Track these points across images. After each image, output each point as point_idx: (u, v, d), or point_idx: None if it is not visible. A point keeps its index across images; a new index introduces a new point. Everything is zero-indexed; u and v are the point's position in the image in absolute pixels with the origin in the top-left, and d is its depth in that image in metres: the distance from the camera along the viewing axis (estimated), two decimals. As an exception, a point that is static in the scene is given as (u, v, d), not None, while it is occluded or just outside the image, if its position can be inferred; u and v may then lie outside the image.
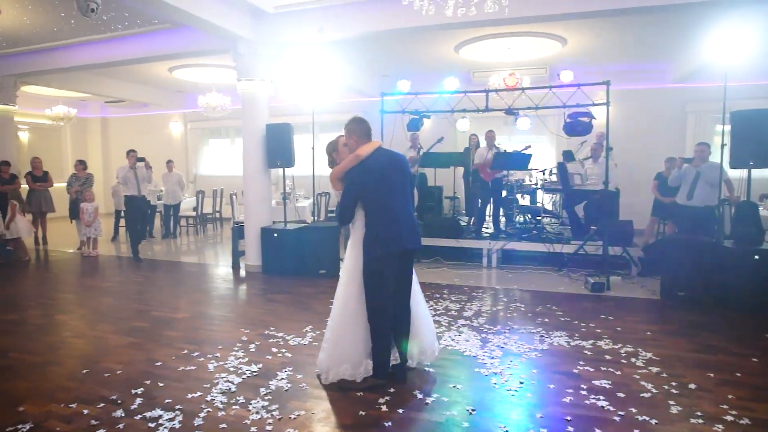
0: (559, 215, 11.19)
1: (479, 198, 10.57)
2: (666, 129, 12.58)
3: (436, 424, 3.68)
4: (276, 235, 8.73)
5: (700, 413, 3.74)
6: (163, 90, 16.22)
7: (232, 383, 4.35)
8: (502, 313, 6.46)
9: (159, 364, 4.83)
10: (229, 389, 4.24)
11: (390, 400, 4.02)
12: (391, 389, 4.18)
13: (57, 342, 5.54)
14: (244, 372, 4.59)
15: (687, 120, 12.57)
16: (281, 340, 5.47)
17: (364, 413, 3.82)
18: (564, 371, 4.57)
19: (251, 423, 3.69)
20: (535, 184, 10.87)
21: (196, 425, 3.66)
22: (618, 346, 5.18)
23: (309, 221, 10.86)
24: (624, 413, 3.75)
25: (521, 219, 10.71)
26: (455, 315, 6.32)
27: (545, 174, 10.66)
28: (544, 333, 5.61)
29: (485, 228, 10.42)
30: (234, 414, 3.83)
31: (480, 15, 6.19)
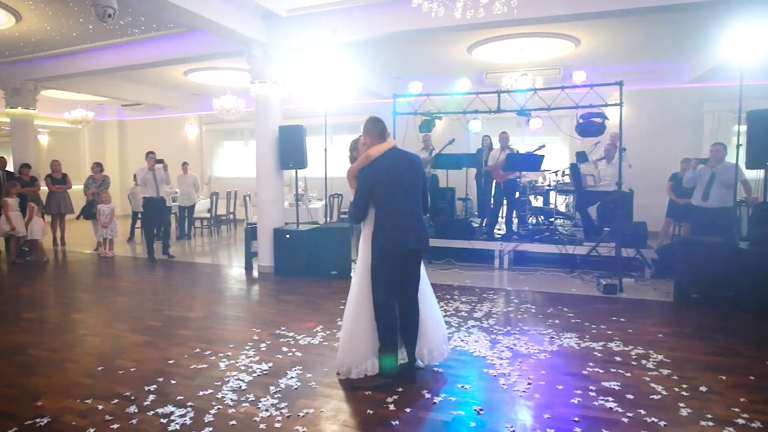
0: (572, 217, 11.16)
1: (492, 199, 10.56)
2: (682, 129, 12.48)
3: (443, 423, 3.71)
4: (288, 236, 8.78)
5: (710, 416, 3.72)
6: (179, 93, 16.36)
7: (242, 381, 4.40)
8: (512, 315, 6.47)
9: (172, 362, 4.89)
10: (240, 387, 4.29)
11: (398, 399, 4.05)
12: (400, 388, 4.21)
13: (74, 340, 5.63)
14: (254, 370, 4.64)
15: (704, 120, 12.43)
16: (292, 339, 5.51)
17: (372, 412, 3.86)
18: (573, 372, 4.57)
19: (260, 420, 3.73)
20: (548, 185, 10.84)
21: (206, 422, 3.71)
22: (629, 348, 5.16)
23: (321, 222, 10.92)
24: (632, 415, 3.74)
25: (533, 220, 10.69)
26: (465, 316, 6.33)
27: (558, 175, 10.63)
28: (554, 334, 5.61)
29: (497, 229, 10.41)
30: (244, 411, 3.87)
31: (489, 16, 6.19)
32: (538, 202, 11.54)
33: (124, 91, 14.56)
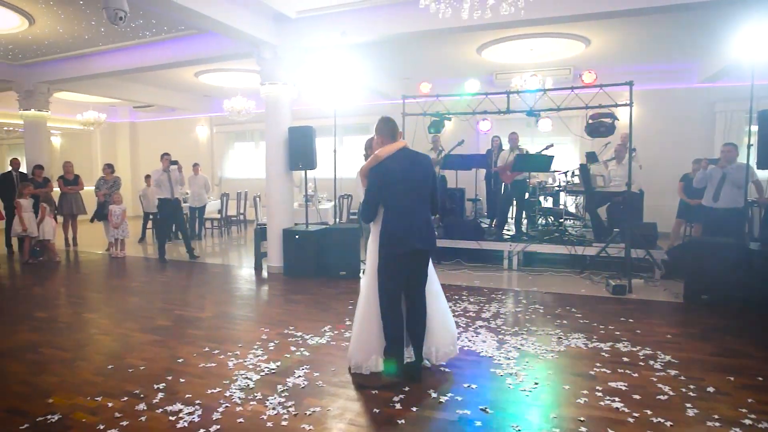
0: (582, 217, 11.12)
1: (501, 200, 10.55)
2: (693, 130, 12.39)
3: (449, 422, 3.72)
4: (297, 237, 8.81)
5: (717, 416, 3.71)
6: (190, 94, 16.45)
7: (250, 380, 4.43)
8: (520, 315, 6.46)
9: (181, 360, 4.93)
10: (248, 386, 4.32)
11: (404, 398, 4.06)
12: (406, 388, 4.23)
13: (85, 339, 5.69)
14: (262, 369, 4.67)
15: (715, 120, 12.34)
16: (300, 339, 5.54)
17: (378, 410, 3.88)
18: (580, 372, 4.57)
19: (268, 418, 3.76)
20: (558, 186, 10.81)
21: (214, 419, 3.74)
22: (637, 348, 5.15)
23: (331, 223, 10.94)
24: (639, 415, 3.73)
25: (543, 221, 10.66)
26: (473, 316, 6.34)
27: (567, 176, 10.60)
28: (562, 335, 5.60)
29: (507, 230, 10.40)
30: (251, 409, 3.90)
31: (497, 17, 6.18)
32: (548, 202, 11.52)
33: (135, 93, 14.68)
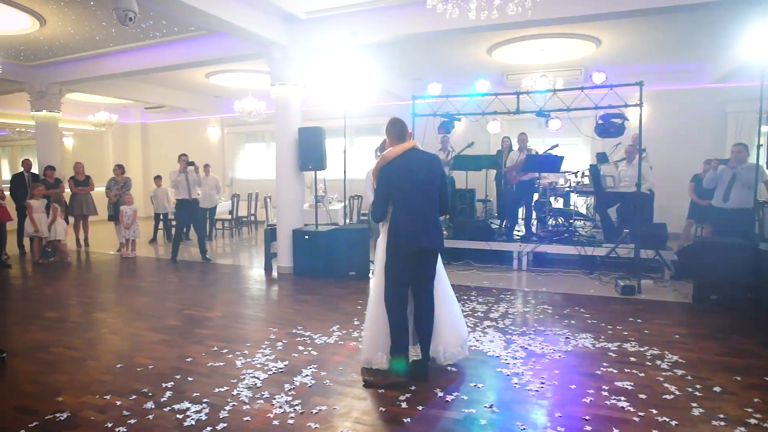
0: (592, 218, 11.09)
1: (510, 201, 10.55)
2: (705, 130, 12.32)
3: (454, 421, 3.73)
4: (307, 237, 8.84)
5: (722, 416, 3.71)
6: (201, 95, 16.53)
7: (258, 379, 4.46)
8: (528, 315, 6.47)
9: (189, 360, 4.97)
10: (255, 384, 4.35)
11: (411, 397, 4.08)
12: (413, 387, 4.25)
13: (95, 338, 5.75)
14: (270, 368, 4.70)
15: (727, 121, 12.26)
16: (308, 338, 5.56)
17: (384, 409, 3.90)
18: (586, 372, 4.57)
19: (274, 417, 3.79)
20: (569, 186, 10.79)
21: (221, 417, 3.78)
22: (644, 348, 5.14)
23: (341, 224, 10.96)
24: (644, 414, 3.74)
25: (553, 222, 10.64)
26: (481, 316, 6.34)
27: (577, 176, 10.57)
28: (569, 335, 5.60)
29: (516, 231, 10.39)
30: (258, 408, 3.93)
31: (505, 18, 6.18)
32: (558, 203, 11.49)
33: (146, 94, 14.77)
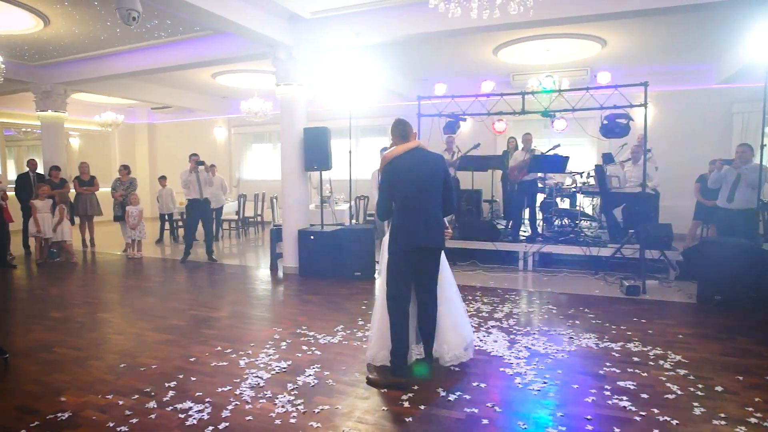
0: (598, 218, 11.06)
1: (513, 201, 10.53)
2: (711, 131, 12.26)
3: (456, 420, 3.73)
4: (312, 238, 8.85)
5: (723, 415, 3.71)
6: (208, 96, 16.58)
7: (261, 378, 4.48)
8: (533, 315, 6.47)
9: (193, 359, 4.99)
10: (258, 384, 4.36)
11: (413, 396, 4.09)
12: (415, 386, 4.25)
13: (98, 338, 5.77)
14: (273, 368, 4.72)
15: (733, 121, 12.23)
16: (312, 338, 5.58)
17: (386, 409, 3.91)
18: (589, 372, 4.57)
19: (276, 416, 3.80)
20: (575, 187, 10.77)
21: (223, 417, 3.79)
22: (647, 348, 5.13)
23: (347, 225, 10.96)
24: (645, 413, 3.74)
25: (558, 222, 10.62)
26: (486, 316, 6.34)
27: (583, 177, 10.55)
28: (573, 335, 5.60)
29: (523, 231, 10.37)
30: (260, 407, 3.94)
31: (508, 18, 6.18)
32: (564, 203, 11.47)
33: (153, 94, 14.82)
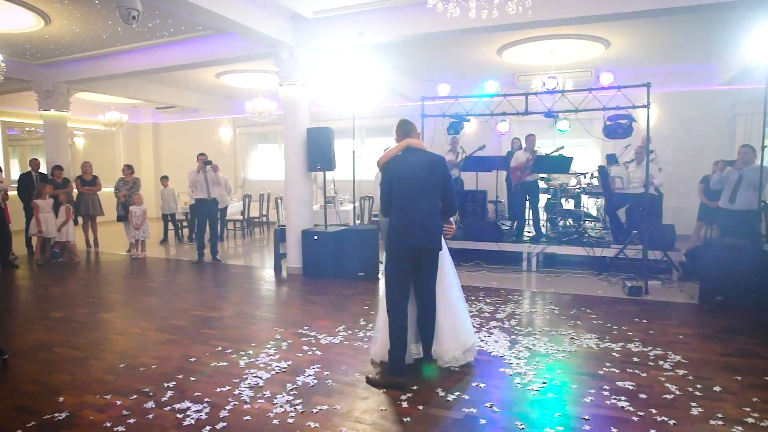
0: (603, 219, 11.04)
1: (515, 201, 10.52)
2: (714, 132, 12.22)
3: (454, 420, 3.73)
4: (316, 238, 8.86)
5: (721, 415, 3.71)
6: (212, 96, 16.58)
7: (260, 378, 4.48)
8: (534, 316, 6.47)
9: (193, 359, 5.00)
10: (257, 384, 4.37)
11: (412, 396, 4.09)
12: (414, 386, 4.26)
13: (99, 338, 5.78)
14: (273, 368, 4.72)
15: (736, 122, 12.18)
16: (313, 338, 5.58)
17: (385, 409, 3.91)
18: (589, 372, 4.56)
19: (274, 416, 3.80)
20: (579, 187, 10.75)
21: (221, 417, 3.80)
22: (647, 349, 5.13)
23: (351, 225, 10.95)
24: (643, 414, 3.73)
25: (562, 223, 10.60)
26: (488, 317, 6.34)
27: (586, 177, 10.53)
28: (574, 335, 5.59)
29: (527, 232, 10.37)
30: (259, 407, 3.95)
31: (505, 18, 6.16)
32: (569, 204, 11.45)
33: (157, 94, 14.82)
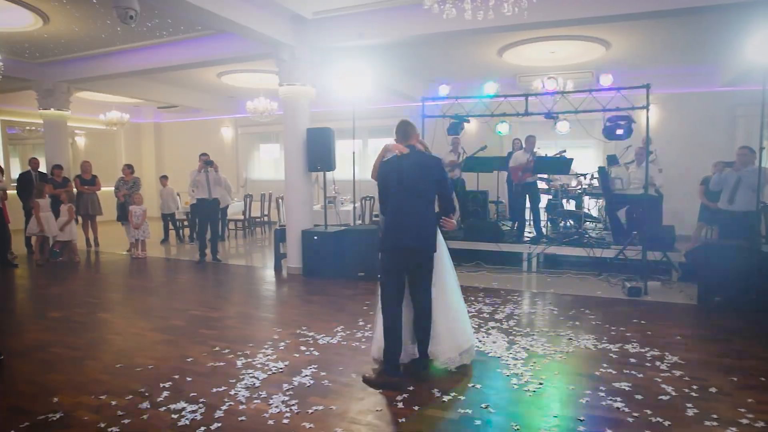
0: (603, 220, 11.03)
1: (515, 202, 10.52)
2: (715, 133, 12.19)
3: (449, 421, 3.73)
4: (316, 238, 8.86)
5: (715, 416, 3.71)
6: (214, 95, 16.57)
7: (257, 379, 4.48)
8: (533, 316, 6.46)
9: (190, 360, 4.99)
10: (254, 384, 4.37)
11: (408, 397, 4.09)
12: (411, 387, 4.25)
13: (96, 338, 5.78)
14: (270, 368, 4.72)
15: (737, 124, 12.18)
16: (311, 339, 5.57)
17: (381, 409, 3.91)
18: (586, 373, 4.56)
19: (269, 416, 3.80)
20: (580, 188, 10.73)
21: (216, 417, 3.79)
22: (645, 349, 5.12)
23: (351, 225, 10.95)
24: (638, 415, 3.73)
25: (563, 224, 10.58)
26: (487, 317, 6.33)
27: (587, 178, 10.52)
28: (572, 336, 5.58)
29: (528, 232, 10.35)
30: (254, 408, 3.94)
31: (507, 19, 6.15)
32: (570, 205, 11.43)
33: (158, 93, 14.81)
